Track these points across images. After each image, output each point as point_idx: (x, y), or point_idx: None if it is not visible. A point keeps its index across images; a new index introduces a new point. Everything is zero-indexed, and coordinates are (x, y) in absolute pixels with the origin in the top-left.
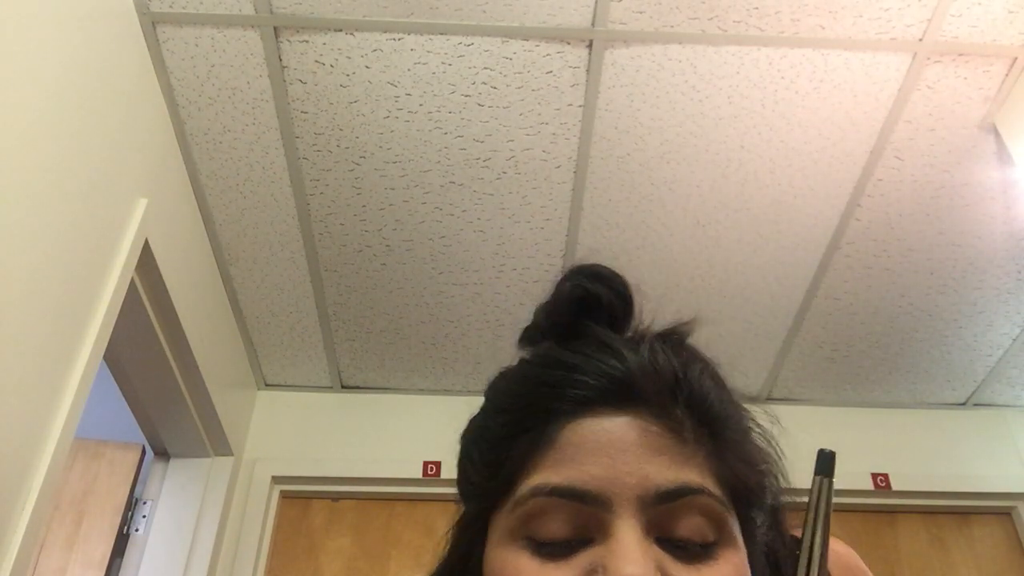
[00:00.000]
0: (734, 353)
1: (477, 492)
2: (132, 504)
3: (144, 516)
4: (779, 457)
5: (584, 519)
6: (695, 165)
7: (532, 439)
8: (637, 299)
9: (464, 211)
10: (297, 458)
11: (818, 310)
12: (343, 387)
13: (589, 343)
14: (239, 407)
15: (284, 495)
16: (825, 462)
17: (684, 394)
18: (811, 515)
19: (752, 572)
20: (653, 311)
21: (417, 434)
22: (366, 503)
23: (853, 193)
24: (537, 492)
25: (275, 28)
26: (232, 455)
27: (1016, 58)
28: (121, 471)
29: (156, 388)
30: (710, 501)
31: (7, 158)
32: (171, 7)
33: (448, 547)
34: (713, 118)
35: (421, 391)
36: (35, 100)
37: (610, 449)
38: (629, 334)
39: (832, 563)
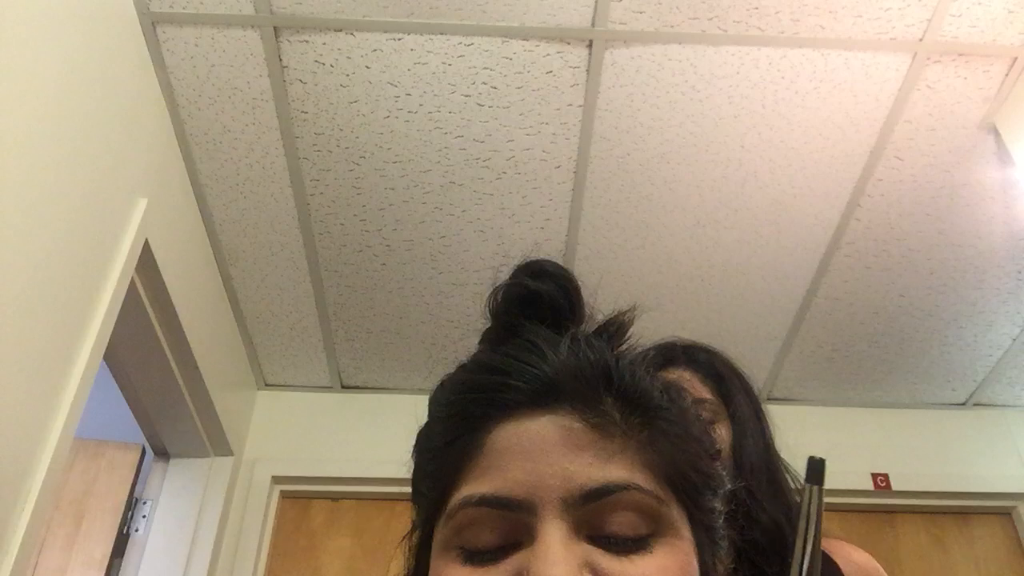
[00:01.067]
0: (734, 353)
1: (422, 502)
2: (132, 504)
3: (144, 516)
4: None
5: (512, 525)
6: (695, 165)
7: (462, 447)
8: (584, 293)
9: (464, 211)
10: (297, 458)
11: (818, 310)
12: (343, 387)
13: (518, 345)
14: (239, 407)
15: (284, 495)
16: (815, 470)
17: (613, 386)
18: (803, 523)
19: (709, 559)
20: (658, 310)
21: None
22: (366, 503)
23: (853, 193)
24: (465, 503)
25: (275, 28)
26: (232, 455)
27: (1016, 58)
28: (121, 471)
29: (156, 388)
30: (639, 496)
31: (7, 158)
32: (171, 7)
33: (405, 557)
34: (713, 118)
35: (421, 391)
36: (35, 100)
37: (532, 452)
38: (575, 328)
39: (851, 574)
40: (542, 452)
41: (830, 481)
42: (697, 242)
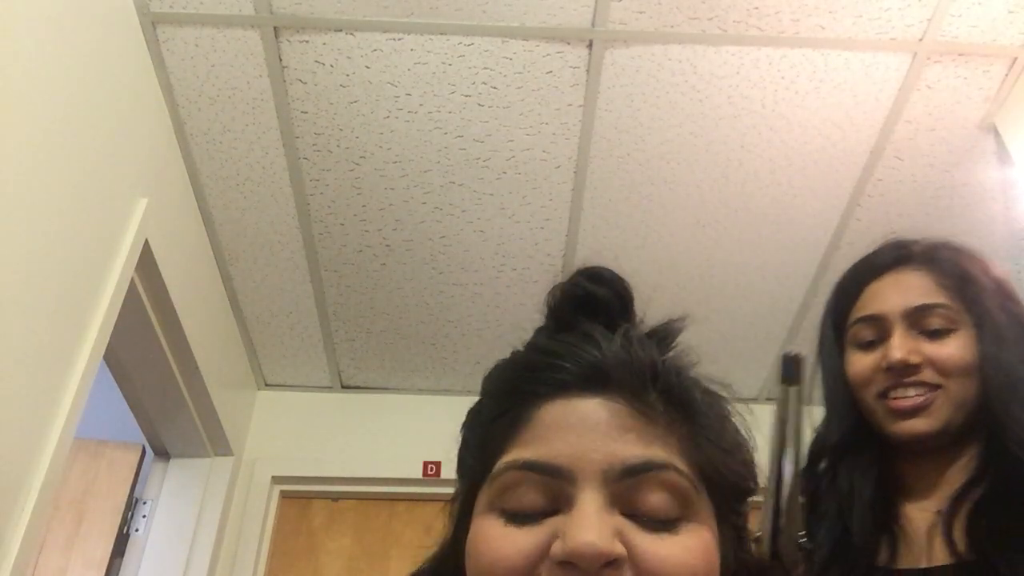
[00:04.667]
0: (734, 353)
1: (467, 472)
2: (132, 504)
3: (144, 516)
4: (755, 450)
5: (552, 492)
6: (695, 165)
7: (512, 419)
8: (636, 299)
9: (464, 211)
10: (297, 458)
11: (818, 310)
12: (343, 387)
13: (575, 335)
14: (239, 407)
15: (284, 495)
16: (790, 368)
17: (659, 382)
18: (777, 427)
19: (729, 556)
20: (658, 311)
21: (417, 434)
22: (366, 503)
23: (853, 193)
24: (510, 467)
25: (275, 28)
26: (232, 455)
27: (1016, 58)
28: (121, 471)
29: (156, 388)
30: (675, 477)
31: (7, 158)
32: (171, 7)
33: (445, 524)
34: (713, 118)
35: (421, 391)
36: (35, 100)
37: (579, 427)
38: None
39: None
40: (588, 429)
41: None
42: (697, 242)
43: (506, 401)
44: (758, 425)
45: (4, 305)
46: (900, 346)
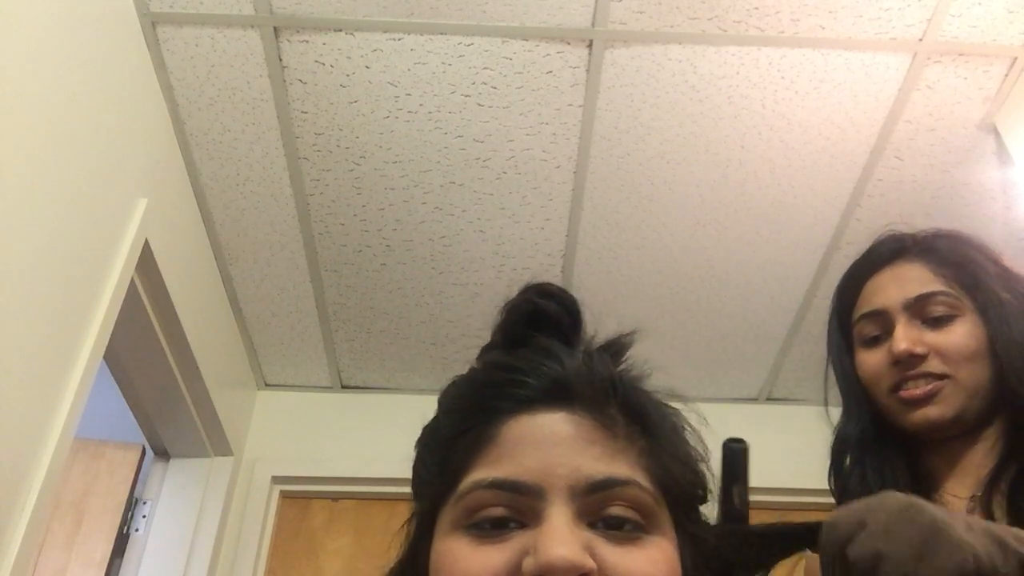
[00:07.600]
0: (734, 353)
1: (427, 490)
2: (132, 504)
3: (144, 516)
4: (706, 459)
5: (520, 508)
6: (695, 165)
7: (475, 436)
8: (584, 313)
9: (464, 211)
10: (297, 458)
11: (818, 310)
12: (343, 387)
13: (533, 350)
14: (239, 407)
15: (284, 495)
16: (734, 461)
17: (618, 396)
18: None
19: (688, 565)
20: (659, 311)
21: (417, 434)
22: (366, 503)
23: (853, 193)
24: (477, 486)
25: (275, 28)
26: (232, 455)
27: (1016, 58)
28: (121, 471)
29: (156, 388)
30: (638, 492)
31: (7, 158)
32: (171, 7)
33: (401, 545)
34: (713, 118)
35: (421, 391)
36: (35, 100)
37: (545, 443)
38: (577, 344)
39: None
40: (554, 444)
41: None
42: (697, 242)
43: (468, 418)
44: (713, 431)
45: (4, 305)
46: (904, 336)
